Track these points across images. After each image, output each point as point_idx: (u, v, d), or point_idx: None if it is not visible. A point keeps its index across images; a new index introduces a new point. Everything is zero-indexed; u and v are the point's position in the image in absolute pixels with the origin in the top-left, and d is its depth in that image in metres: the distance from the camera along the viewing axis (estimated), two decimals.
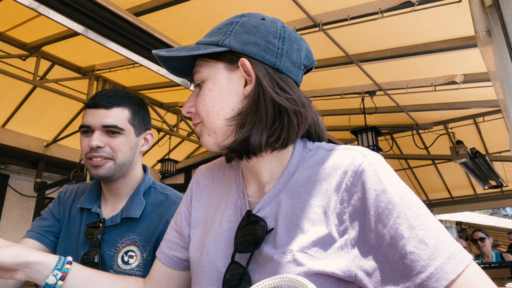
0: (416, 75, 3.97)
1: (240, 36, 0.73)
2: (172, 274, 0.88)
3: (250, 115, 0.71)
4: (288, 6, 2.91)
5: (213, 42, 0.74)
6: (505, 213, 23.90)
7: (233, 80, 0.73)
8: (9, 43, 3.79)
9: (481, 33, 2.11)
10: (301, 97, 0.74)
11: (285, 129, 0.71)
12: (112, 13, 2.58)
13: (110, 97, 1.18)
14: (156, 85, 4.55)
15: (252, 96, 0.71)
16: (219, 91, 0.73)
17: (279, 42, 0.73)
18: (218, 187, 0.87)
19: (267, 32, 0.73)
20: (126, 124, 1.18)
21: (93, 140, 1.13)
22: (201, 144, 0.78)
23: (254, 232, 0.71)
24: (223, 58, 0.74)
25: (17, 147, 5.12)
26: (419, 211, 0.62)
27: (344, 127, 5.22)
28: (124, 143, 1.18)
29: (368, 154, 0.68)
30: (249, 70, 0.72)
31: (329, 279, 0.64)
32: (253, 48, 0.72)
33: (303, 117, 0.73)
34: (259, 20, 0.75)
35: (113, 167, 1.16)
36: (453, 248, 0.59)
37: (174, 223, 0.91)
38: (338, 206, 0.66)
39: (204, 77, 0.75)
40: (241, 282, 0.69)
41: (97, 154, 1.14)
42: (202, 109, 0.74)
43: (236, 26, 0.74)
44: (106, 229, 1.17)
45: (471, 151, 4.88)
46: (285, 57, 0.73)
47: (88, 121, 1.16)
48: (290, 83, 0.74)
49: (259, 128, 0.70)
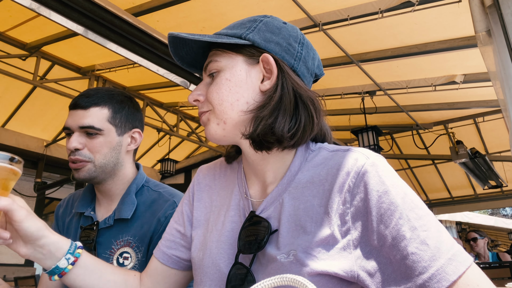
0: (416, 75, 3.97)
1: (264, 33, 0.74)
2: (170, 273, 0.88)
3: (272, 108, 0.71)
4: (288, 6, 2.91)
5: (235, 34, 0.74)
6: (505, 213, 23.91)
7: (251, 74, 0.74)
8: (9, 43, 3.79)
9: (481, 33, 2.11)
10: (316, 96, 0.77)
11: (301, 126, 0.72)
12: (111, 13, 2.59)
13: (89, 96, 1.15)
14: (156, 85, 4.55)
15: (271, 91, 0.72)
16: (236, 82, 0.73)
17: (299, 47, 0.76)
18: (220, 188, 0.87)
19: (289, 35, 0.76)
20: (105, 123, 1.14)
21: (71, 142, 1.11)
22: (206, 134, 0.77)
23: (257, 232, 0.71)
24: (243, 51, 0.74)
25: (17, 147, 5.12)
26: (421, 212, 0.62)
27: (344, 127, 5.23)
28: (103, 144, 1.14)
29: (371, 155, 0.69)
30: (271, 65, 0.73)
31: (332, 279, 0.64)
32: (275, 47, 0.74)
33: (319, 114, 0.75)
34: (281, 23, 0.78)
35: (93, 169, 1.13)
36: (455, 249, 0.59)
37: (175, 222, 0.90)
38: (340, 207, 0.66)
39: (221, 67, 0.75)
40: (244, 283, 0.69)
41: (75, 157, 1.12)
42: (215, 97, 0.74)
43: (260, 24, 0.76)
44: (101, 232, 1.15)
45: (471, 151, 4.88)
46: (302, 62, 0.76)
47: (68, 123, 1.14)
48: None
49: (282, 120, 0.71)
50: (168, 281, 0.88)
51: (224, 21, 3.17)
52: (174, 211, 1.11)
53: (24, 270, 5.48)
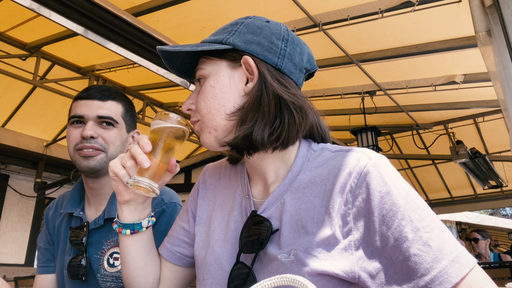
0: (416, 75, 3.97)
1: (244, 35, 0.74)
2: (174, 269, 0.89)
3: (252, 111, 0.71)
4: (288, 6, 2.91)
5: (217, 40, 0.75)
6: (505, 213, 23.90)
7: (234, 77, 0.74)
8: (9, 43, 3.78)
9: (481, 33, 2.11)
10: (302, 96, 0.75)
11: (285, 127, 0.71)
12: (111, 13, 2.58)
13: (104, 90, 1.17)
14: (156, 85, 4.55)
15: (253, 92, 0.72)
16: (220, 88, 0.74)
17: (282, 44, 0.75)
18: (224, 187, 0.88)
19: (271, 33, 0.75)
20: (119, 118, 1.17)
21: (87, 130, 1.10)
22: (201, 143, 0.78)
23: (258, 232, 0.71)
24: (226, 56, 0.75)
25: (17, 147, 5.12)
26: (423, 213, 0.62)
27: (344, 127, 5.22)
28: (117, 136, 1.15)
29: (373, 156, 0.68)
30: (252, 67, 0.73)
31: (332, 280, 0.64)
32: (256, 47, 0.74)
33: (304, 114, 0.73)
34: (264, 22, 0.77)
35: (104, 159, 1.13)
36: (458, 251, 0.59)
37: (180, 220, 0.91)
38: (342, 207, 0.66)
39: (206, 74, 0.76)
40: (246, 282, 0.69)
41: (90, 144, 1.11)
42: (203, 106, 0.74)
43: (241, 26, 0.76)
44: (91, 232, 1.14)
45: (471, 151, 4.88)
46: (287, 59, 0.75)
47: (81, 111, 1.13)
48: (291, 83, 0.75)
49: (261, 124, 0.70)
50: (172, 277, 0.89)
51: (224, 21, 3.14)
52: (162, 209, 1.12)
53: (24, 270, 5.48)
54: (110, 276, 1.09)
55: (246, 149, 0.73)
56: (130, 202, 0.79)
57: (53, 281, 1.23)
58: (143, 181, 0.73)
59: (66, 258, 1.14)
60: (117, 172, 0.75)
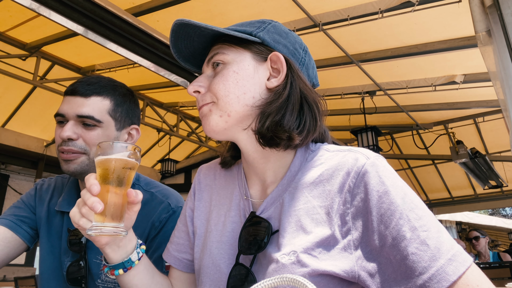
0: (416, 75, 3.98)
1: (273, 35, 0.76)
2: (184, 276, 0.88)
3: (279, 106, 0.72)
4: (288, 6, 2.91)
5: (245, 31, 0.75)
6: (505, 213, 23.90)
7: (259, 70, 0.75)
8: (9, 43, 3.79)
9: (481, 33, 2.11)
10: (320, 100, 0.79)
11: (306, 127, 0.73)
12: (111, 13, 2.59)
13: (91, 84, 1.04)
14: (156, 85, 4.55)
15: (280, 89, 0.73)
16: (244, 76, 0.74)
17: (303, 53, 0.80)
18: (220, 187, 0.87)
19: (295, 41, 0.79)
20: (105, 115, 1.04)
21: (65, 131, 1.00)
22: (205, 127, 0.75)
23: (257, 233, 0.71)
24: (252, 48, 0.75)
25: (17, 147, 5.12)
26: (421, 212, 0.62)
27: (344, 127, 5.23)
28: (100, 137, 1.03)
29: (371, 156, 0.69)
30: (281, 64, 0.74)
31: (333, 279, 0.64)
32: (283, 48, 0.76)
33: (321, 117, 0.76)
34: (287, 29, 0.81)
35: (86, 162, 1.02)
36: (454, 250, 0.59)
37: (182, 225, 0.90)
38: (341, 207, 0.66)
39: (228, 60, 0.75)
40: (245, 283, 0.69)
41: (68, 147, 1.01)
42: (222, 89, 0.73)
43: (269, 25, 0.78)
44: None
45: (471, 151, 4.88)
46: (305, 68, 0.79)
47: (63, 109, 1.03)
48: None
49: (289, 117, 0.71)
50: (183, 283, 0.88)
51: (224, 21, 3.17)
52: (168, 214, 1.07)
53: (24, 270, 5.48)
54: (111, 282, 1.03)
55: (276, 139, 0.71)
56: (110, 243, 0.74)
57: (2, 235, 1.09)
58: (104, 226, 0.66)
59: (64, 259, 1.07)
60: (77, 222, 0.70)
